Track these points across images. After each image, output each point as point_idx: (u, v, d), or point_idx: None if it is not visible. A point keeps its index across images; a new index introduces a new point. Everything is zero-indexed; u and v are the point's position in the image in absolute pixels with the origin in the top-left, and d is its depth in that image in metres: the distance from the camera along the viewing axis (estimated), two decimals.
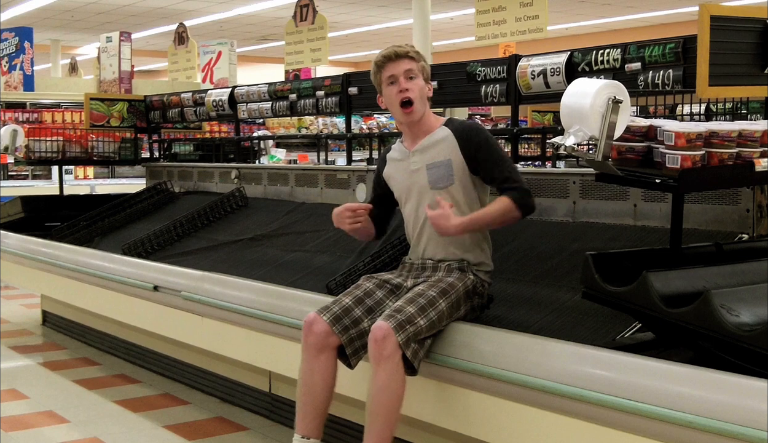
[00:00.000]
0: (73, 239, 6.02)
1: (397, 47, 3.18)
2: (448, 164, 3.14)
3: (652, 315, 2.54)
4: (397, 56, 3.15)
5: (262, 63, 24.45)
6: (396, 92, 3.15)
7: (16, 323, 6.78)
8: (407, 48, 3.18)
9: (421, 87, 3.16)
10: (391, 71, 3.15)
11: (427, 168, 3.18)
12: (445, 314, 2.97)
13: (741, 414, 2.16)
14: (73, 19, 19.10)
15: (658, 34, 4.23)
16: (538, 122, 7.85)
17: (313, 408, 3.05)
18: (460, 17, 18.41)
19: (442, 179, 3.15)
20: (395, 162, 3.31)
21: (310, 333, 3.04)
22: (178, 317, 4.39)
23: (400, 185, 3.29)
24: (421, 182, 3.20)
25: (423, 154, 3.20)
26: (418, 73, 3.16)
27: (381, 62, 3.18)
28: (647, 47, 3.67)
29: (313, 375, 3.04)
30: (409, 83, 3.14)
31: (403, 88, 3.13)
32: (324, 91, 5.65)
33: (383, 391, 2.83)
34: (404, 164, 3.26)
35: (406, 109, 3.15)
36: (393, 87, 3.16)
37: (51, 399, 4.71)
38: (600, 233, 3.68)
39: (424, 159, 3.20)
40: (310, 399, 3.05)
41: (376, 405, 2.84)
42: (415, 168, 3.21)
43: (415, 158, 3.22)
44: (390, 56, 3.15)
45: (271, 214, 5.45)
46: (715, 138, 2.64)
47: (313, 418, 3.05)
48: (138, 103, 7.39)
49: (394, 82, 3.16)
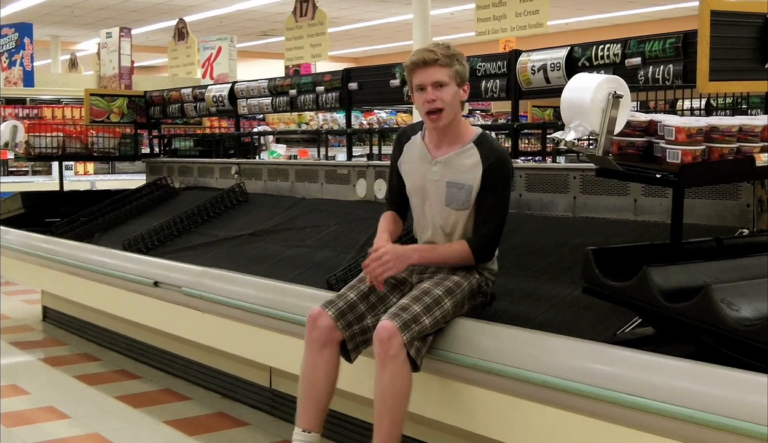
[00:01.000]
0: (73, 234, 6.02)
1: (428, 52, 3.02)
2: (468, 190, 3.08)
3: (653, 310, 2.54)
4: (425, 64, 3.02)
5: (262, 59, 24.45)
6: (423, 102, 3.06)
7: (17, 319, 6.78)
8: (438, 54, 3.00)
9: (452, 94, 3.04)
10: (420, 80, 3.04)
11: (447, 185, 3.11)
12: (449, 313, 2.97)
13: (741, 409, 2.16)
14: (72, 15, 19.10)
15: (659, 29, 4.23)
16: (539, 117, 7.85)
17: (315, 403, 3.05)
18: (461, 12, 18.39)
19: (459, 201, 3.10)
20: (413, 161, 3.22)
21: (315, 328, 3.03)
22: (179, 313, 4.40)
23: (413, 184, 3.23)
24: (438, 194, 3.13)
25: (446, 168, 3.12)
26: (449, 80, 3.02)
27: (410, 68, 3.07)
28: (647, 42, 3.67)
29: (315, 370, 3.04)
30: (437, 92, 3.02)
31: (430, 99, 3.03)
32: (324, 87, 5.64)
33: (389, 390, 2.83)
34: (423, 168, 3.17)
35: (431, 116, 3.06)
36: (421, 95, 3.06)
37: (52, 394, 4.72)
38: (600, 228, 3.68)
39: (446, 174, 3.11)
40: (311, 394, 3.05)
41: (382, 404, 2.85)
42: (435, 178, 3.14)
43: (436, 169, 3.13)
44: (418, 63, 3.03)
45: (272, 209, 5.44)
46: (716, 133, 2.64)
47: (314, 412, 3.05)
48: (138, 98, 7.39)
49: (422, 89, 3.06)
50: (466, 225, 3.13)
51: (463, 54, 3.12)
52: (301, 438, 3.05)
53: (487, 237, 3.10)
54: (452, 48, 3.07)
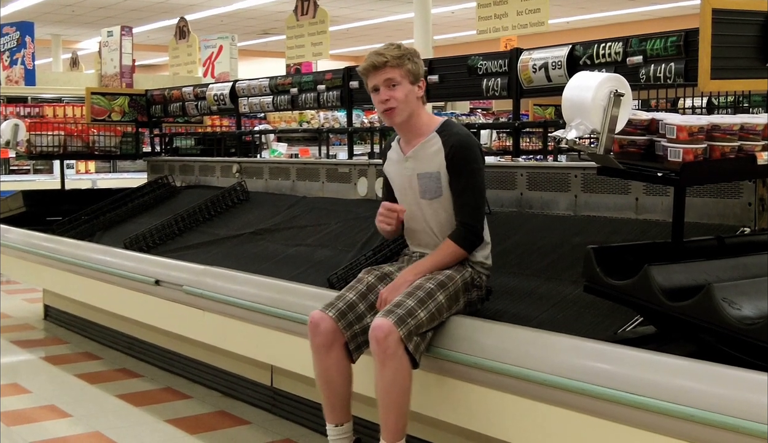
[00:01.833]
0: (74, 233, 6.02)
1: (377, 56, 3.12)
2: (437, 177, 3.15)
3: (654, 309, 2.54)
4: (375, 68, 3.12)
5: (263, 57, 24.46)
6: (378, 102, 3.16)
7: (18, 318, 6.79)
8: (387, 56, 3.10)
9: (405, 92, 3.12)
10: (373, 81, 3.15)
11: (418, 177, 3.19)
12: (444, 306, 2.97)
13: (742, 408, 2.15)
14: (74, 14, 19.10)
15: (660, 27, 4.23)
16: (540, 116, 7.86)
17: (339, 399, 3.11)
18: (461, 11, 18.40)
19: (430, 190, 3.17)
20: (393, 162, 3.32)
21: (318, 334, 3.05)
22: (180, 312, 4.40)
23: (396, 184, 3.31)
24: (413, 188, 3.21)
25: (415, 161, 3.20)
26: (401, 79, 3.11)
27: (363, 73, 3.18)
28: (649, 41, 3.67)
29: (329, 371, 3.08)
30: (390, 92, 3.11)
31: (383, 99, 3.13)
32: (325, 86, 5.64)
33: (392, 387, 2.85)
34: (400, 167, 3.27)
35: (386, 113, 3.16)
36: (376, 95, 3.17)
37: (53, 393, 4.72)
38: (602, 226, 3.68)
39: (415, 167, 3.20)
40: (332, 392, 3.10)
41: (387, 400, 2.87)
42: (408, 174, 3.23)
43: (408, 164, 3.22)
44: (369, 68, 3.13)
45: (273, 208, 5.44)
46: (717, 131, 2.63)
47: (340, 407, 3.12)
48: (139, 97, 7.39)
49: (377, 90, 3.15)
50: (448, 214, 3.15)
51: (415, 51, 3.21)
52: (335, 433, 3.12)
53: (467, 223, 3.12)
54: (403, 48, 3.17)
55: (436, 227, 3.18)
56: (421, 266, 3.11)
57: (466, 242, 3.12)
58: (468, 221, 3.12)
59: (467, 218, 3.12)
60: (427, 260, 3.13)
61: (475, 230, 3.13)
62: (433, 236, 3.20)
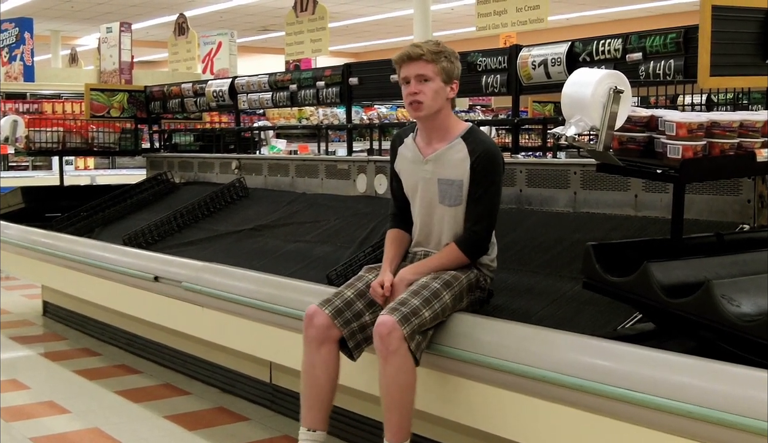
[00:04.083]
0: (73, 229, 6.02)
1: (414, 48, 3.09)
2: (459, 185, 3.11)
3: (653, 306, 2.54)
4: (410, 59, 3.08)
5: (262, 54, 24.41)
6: (406, 94, 3.12)
7: (17, 314, 6.79)
8: (424, 49, 3.07)
9: (435, 90, 3.08)
10: (405, 73, 3.11)
11: (439, 182, 3.15)
12: (449, 306, 2.97)
13: (742, 405, 2.16)
14: (73, 10, 19.08)
15: (660, 24, 4.22)
16: (539, 113, 7.85)
17: (318, 401, 3.06)
18: (461, 7, 18.37)
19: (451, 197, 3.13)
20: (407, 161, 3.26)
21: (311, 326, 3.04)
22: (179, 308, 4.39)
23: (409, 183, 3.26)
24: (431, 191, 3.17)
25: (437, 165, 3.15)
26: (434, 75, 3.07)
27: (398, 62, 3.13)
28: (648, 37, 3.66)
29: (315, 368, 3.05)
30: (420, 86, 3.07)
31: (412, 92, 3.09)
32: (324, 82, 5.64)
33: (395, 384, 2.85)
34: (416, 167, 3.22)
35: (413, 106, 3.12)
36: (405, 88, 3.13)
37: (52, 389, 4.72)
38: (601, 223, 3.68)
39: (437, 171, 3.15)
40: (313, 392, 3.06)
41: (389, 398, 2.87)
42: (427, 177, 3.18)
43: (428, 167, 3.17)
44: (404, 58, 3.10)
45: (272, 205, 5.44)
46: (717, 128, 2.63)
47: (318, 410, 3.06)
48: (138, 93, 7.38)
49: (407, 82, 3.12)
50: (461, 221, 3.14)
51: (454, 52, 3.16)
52: (306, 437, 3.07)
53: (476, 232, 3.11)
54: (442, 45, 3.13)
55: (448, 231, 3.16)
56: (422, 267, 3.10)
57: (471, 249, 3.11)
58: (478, 230, 3.11)
59: (478, 227, 3.11)
60: (428, 262, 3.12)
61: (483, 241, 3.13)
62: (443, 238, 3.17)
